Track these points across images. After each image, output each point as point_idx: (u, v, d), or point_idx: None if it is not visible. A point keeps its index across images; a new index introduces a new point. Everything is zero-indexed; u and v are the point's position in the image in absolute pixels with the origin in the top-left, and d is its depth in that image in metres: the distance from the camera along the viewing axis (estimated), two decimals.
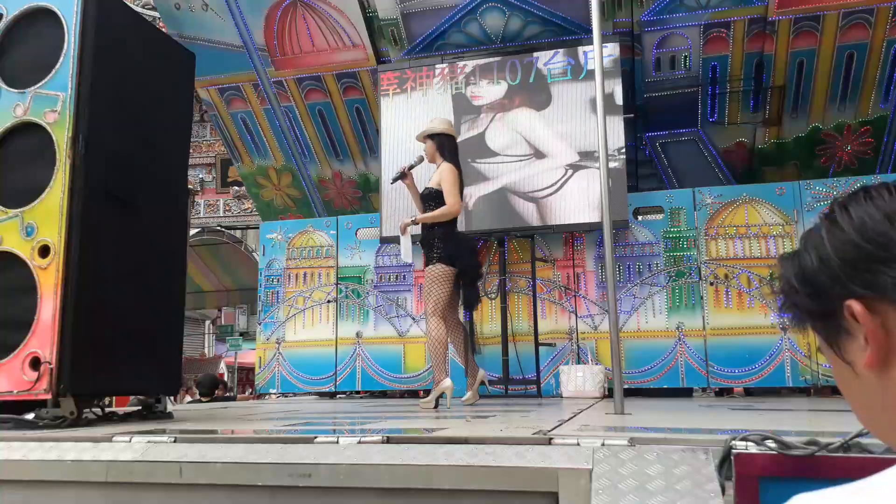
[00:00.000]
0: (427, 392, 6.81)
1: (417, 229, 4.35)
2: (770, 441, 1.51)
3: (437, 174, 4.40)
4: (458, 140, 7.05)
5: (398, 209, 6.80)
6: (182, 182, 3.71)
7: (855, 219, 0.65)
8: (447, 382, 4.07)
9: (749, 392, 6.14)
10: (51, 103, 2.93)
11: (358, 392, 7.00)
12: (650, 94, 6.95)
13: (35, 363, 2.71)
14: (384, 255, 7.08)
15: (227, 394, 9.65)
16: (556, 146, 6.52)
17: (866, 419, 0.67)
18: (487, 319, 6.66)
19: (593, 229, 6.25)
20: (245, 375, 15.60)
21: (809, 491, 0.57)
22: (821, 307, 0.67)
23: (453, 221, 4.33)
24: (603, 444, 1.64)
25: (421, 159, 4.59)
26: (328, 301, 7.13)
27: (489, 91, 6.78)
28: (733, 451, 1.52)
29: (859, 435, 1.46)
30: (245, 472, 1.81)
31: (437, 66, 6.91)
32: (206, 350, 18.47)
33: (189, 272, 3.98)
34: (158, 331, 3.29)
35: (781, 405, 4.12)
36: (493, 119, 6.73)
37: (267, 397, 7.15)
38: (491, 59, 6.81)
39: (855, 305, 0.63)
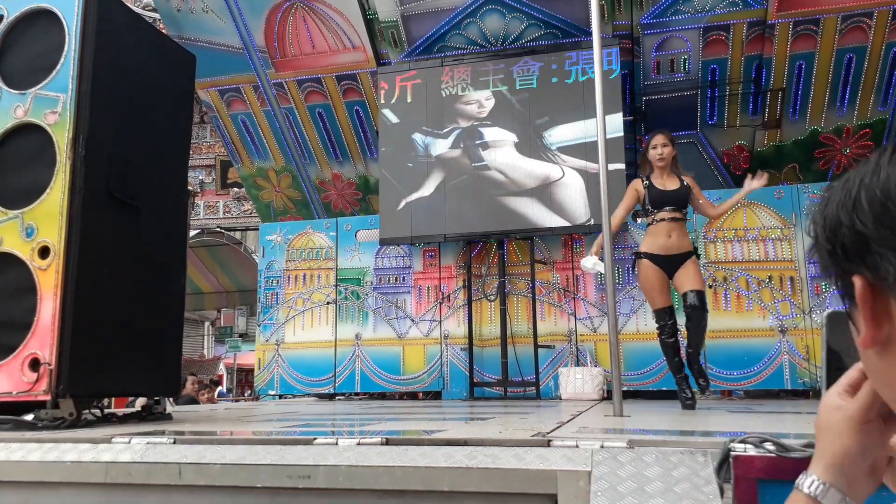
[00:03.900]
0: (427, 394, 6.83)
1: None
2: (769, 443, 1.51)
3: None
4: (458, 144, 7.10)
5: (397, 212, 6.81)
6: (182, 183, 3.71)
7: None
8: None
9: (748, 395, 6.14)
10: (51, 104, 2.93)
11: (357, 394, 7.00)
12: (649, 96, 6.95)
13: (34, 364, 2.70)
14: (383, 257, 7.08)
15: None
16: (555, 148, 6.53)
17: (882, 392, 0.65)
18: (487, 321, 6.66)
19: (592, 231, 6.25)
20: (244, 377, 15.59)
21: None
22: (837, 269, 0.64)
23: None
24: (602, 447, 1.64)
25: None
26: (327, 303, 7.13)
27: (489, 93, 6.79)
28: (732, 453, 1.52)
29: None
30: (244, 474, 1.81)
31: (436, 68, 6.92)
32: (205, 351, 18.46)
33: (188, 273, 3.98)
34: (158, 332, 3.29)
35: (780, 408, 4.12)
36: (493, 121, 6.74)
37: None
38: (490, 62, 6.81)
39: (858, 282, 0.60)
